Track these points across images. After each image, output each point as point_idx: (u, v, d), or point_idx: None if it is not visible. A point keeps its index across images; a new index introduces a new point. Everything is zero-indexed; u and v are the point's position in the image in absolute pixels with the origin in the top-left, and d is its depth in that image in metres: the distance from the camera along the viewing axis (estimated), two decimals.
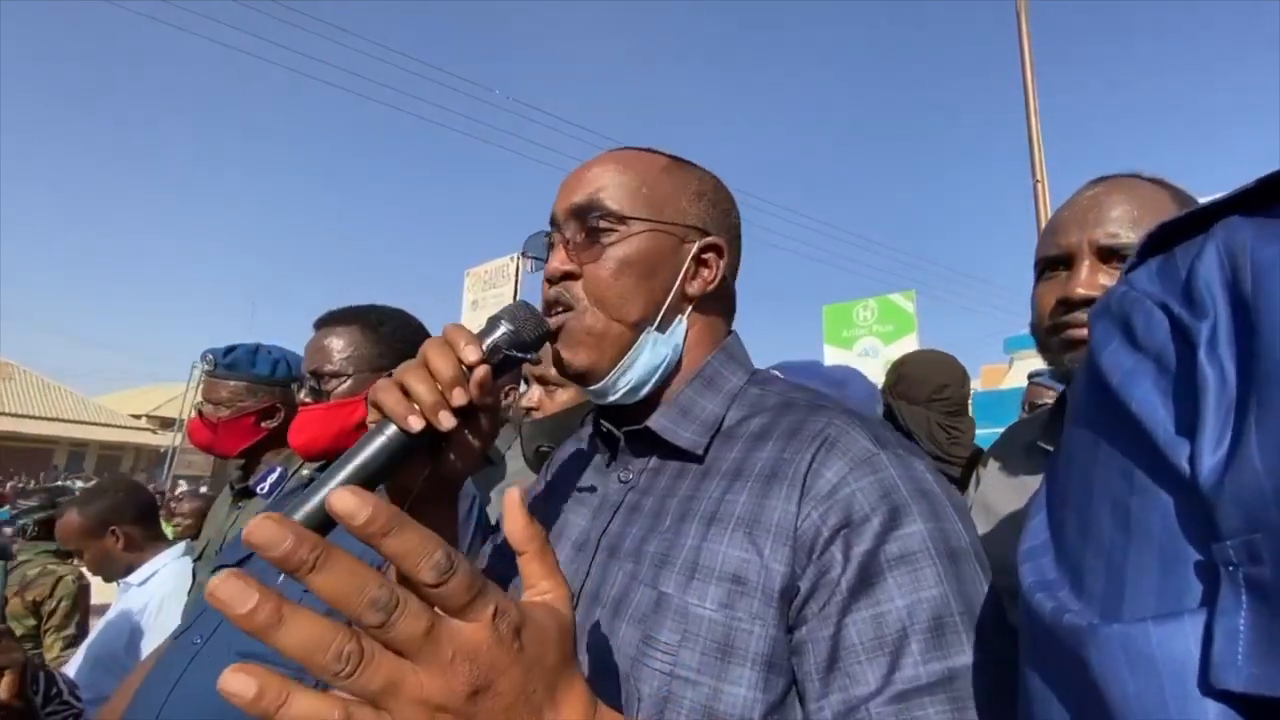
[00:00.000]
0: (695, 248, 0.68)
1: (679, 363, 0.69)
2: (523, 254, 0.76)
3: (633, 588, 0.59)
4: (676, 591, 0.56)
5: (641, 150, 0.71)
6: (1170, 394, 0.31)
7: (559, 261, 0.66)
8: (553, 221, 0.69)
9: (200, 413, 1.68)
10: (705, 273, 0.69)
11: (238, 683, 0.28)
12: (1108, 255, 0.83)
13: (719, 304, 0.72)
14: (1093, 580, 0.32)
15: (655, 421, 0.66)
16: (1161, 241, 0.36)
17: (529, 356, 0.59)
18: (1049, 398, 2.33)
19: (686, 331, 0.68)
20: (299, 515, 0.47)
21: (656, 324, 0.66)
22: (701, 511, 0.59)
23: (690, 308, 0.69)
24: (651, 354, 0.66)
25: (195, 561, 1.72)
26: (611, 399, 0.68)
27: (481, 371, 0.56)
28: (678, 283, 0.67)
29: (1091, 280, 0.83)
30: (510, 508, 0.41)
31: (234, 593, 0.28)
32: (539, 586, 0.40)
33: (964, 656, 0.49)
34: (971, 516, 0.60)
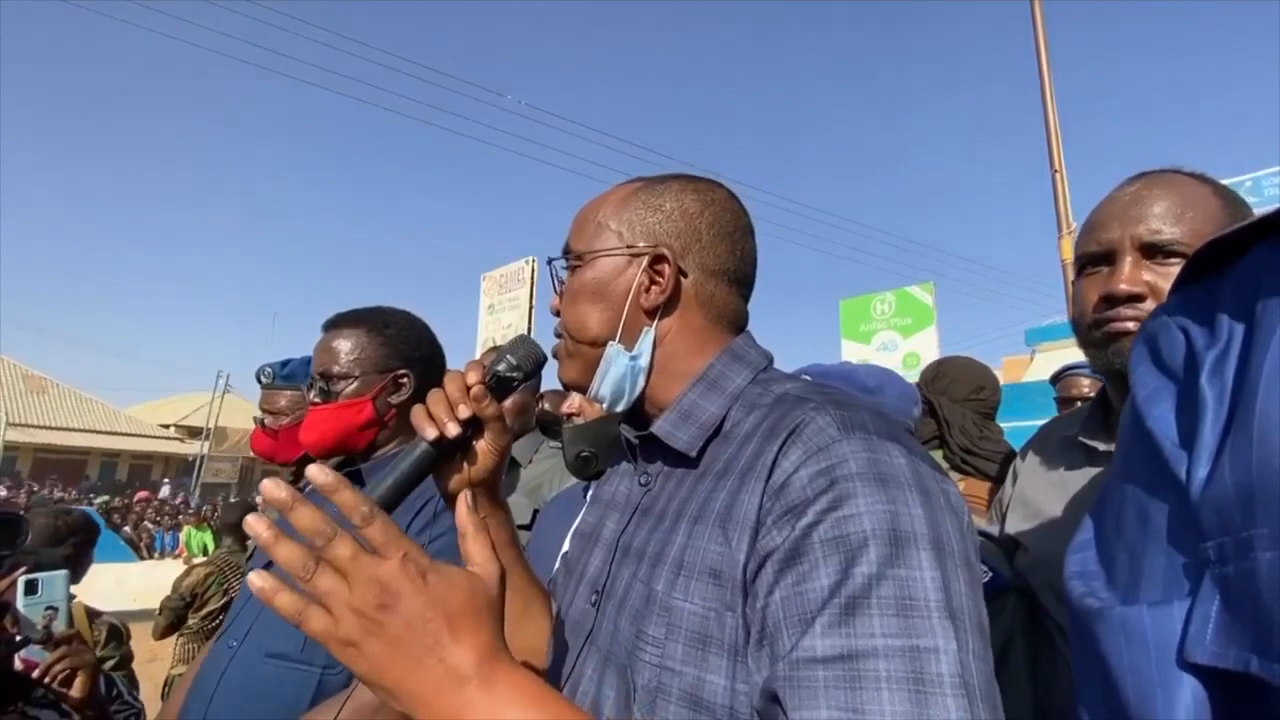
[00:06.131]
0: (645, 262, 0.70)
1: (653, 369, 0.70)
2: None
3: (633, 585, 0.64)
4: (664, 588, 0.60)
5: (623, 183, 0.77)
6: (1179, 412, 0.37)
7: (553, 302, 0.78)
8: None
9: (261, 424, 1.75)
10: (659, 283, 0.70)
11: (258, 579, 0.47)
12: (1151, 251, 0.82)
13: (697, 309, 0.71)
14: (1120, 570, 0.38)
15: (659, 426, 0.69)
16: (1209, 260, 0.40)
17: (516, 375, 0.72)
18: (1087, 389, 2.11)
19: (659, 341, 0.70)
20: (375, 495, 0.65)
21: (618, 339, 0.70)
22: (690, 511, 0.63)
23: (655, 320, 0.70)
24: (617, 367, 0.70)
25: (248, 561, 1.80)
26: (606, 407, 0.73)
27: (477, 389, 0.69)
28: (630, 299, 0.69)
29: (1134, 276, 0.82)
30: (461, 503, 0.56)
31: (259, 528, 0.47)
32: (474, 561, 0.54)
33: (875, 639, 0.47)
34: (965, 511, 0.57)
